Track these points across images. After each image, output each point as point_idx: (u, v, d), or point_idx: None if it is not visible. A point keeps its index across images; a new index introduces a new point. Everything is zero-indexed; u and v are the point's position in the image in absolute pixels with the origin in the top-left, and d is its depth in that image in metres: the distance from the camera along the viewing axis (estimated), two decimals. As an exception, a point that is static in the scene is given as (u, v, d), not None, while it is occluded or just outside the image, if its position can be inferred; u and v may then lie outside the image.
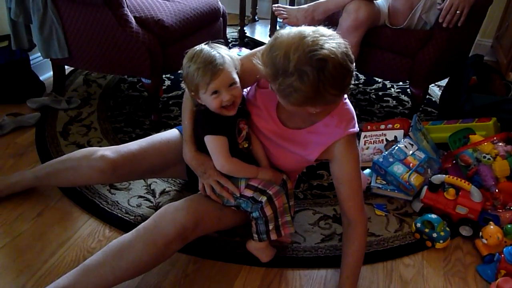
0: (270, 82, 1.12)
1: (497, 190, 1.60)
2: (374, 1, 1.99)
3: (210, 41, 1.25)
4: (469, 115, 1.94)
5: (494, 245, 1.45)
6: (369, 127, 1.99)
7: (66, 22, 1.96)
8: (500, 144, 1.67)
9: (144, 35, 1.89)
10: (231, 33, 3.18)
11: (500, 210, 1.57)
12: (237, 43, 3.05)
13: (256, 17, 3.30)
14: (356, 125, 1.29)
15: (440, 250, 1.51)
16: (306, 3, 2.15)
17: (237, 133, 1.30)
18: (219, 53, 1.20)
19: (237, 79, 1.23)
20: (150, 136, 1.50)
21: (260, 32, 3.09)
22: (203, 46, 1.22)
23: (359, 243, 1.31)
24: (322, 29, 1.07)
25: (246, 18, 3.06)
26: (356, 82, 2.63)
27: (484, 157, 1.65)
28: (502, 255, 1.39)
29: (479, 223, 1.55)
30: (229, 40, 3.02)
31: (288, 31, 1.07)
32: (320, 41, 1.02)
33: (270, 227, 1.31)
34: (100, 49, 1.96)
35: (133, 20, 1.89)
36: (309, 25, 2.28)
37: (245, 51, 2.40)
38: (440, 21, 1.90)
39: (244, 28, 3.02)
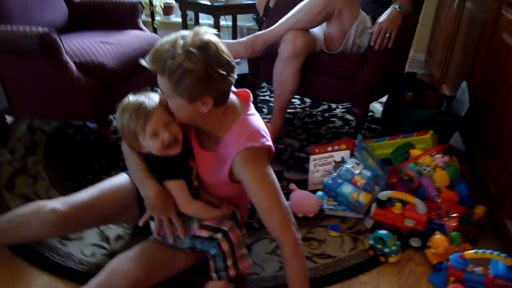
0: (161, 79, 1.16)
1: (439, 200, 1.69)
2: (310, 30, 2.08)
3: (134, 91, 1.27)
4: (409, 129, 2.05)
5: (442, 254, 1.52)
6: (317, 150, 2.05)
7: (4, 72, 1.92)
8: (438, 156, 1.77)
9: (86, 80, 1.88)
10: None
11: (445, 218, 1.65)
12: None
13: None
14: (263, 140, 1.24)
15: (394, 264, 1.57)
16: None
17: (190, 171, 1.32)
18: (145, 96, 1.24)
19: (172, 117, 1.25)
20: (100, 183, 1.47)
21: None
22: (129, 96, 1.25)
23: (292, 267, 1.25)
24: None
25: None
26: (302, 105, 2.71)
27: (425, 169, 1.74)
28: (449, 263, 1.46)
29: (426, 234, 1.62)
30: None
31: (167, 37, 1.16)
32: (199, 32, 1.14)
33: (229, 263, 1.32)
34: (41, 97, 1.93)
35: (73, 66, 1.87)
36: (250, 56, 2.30)
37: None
38: (372, 44, 2.01)
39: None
